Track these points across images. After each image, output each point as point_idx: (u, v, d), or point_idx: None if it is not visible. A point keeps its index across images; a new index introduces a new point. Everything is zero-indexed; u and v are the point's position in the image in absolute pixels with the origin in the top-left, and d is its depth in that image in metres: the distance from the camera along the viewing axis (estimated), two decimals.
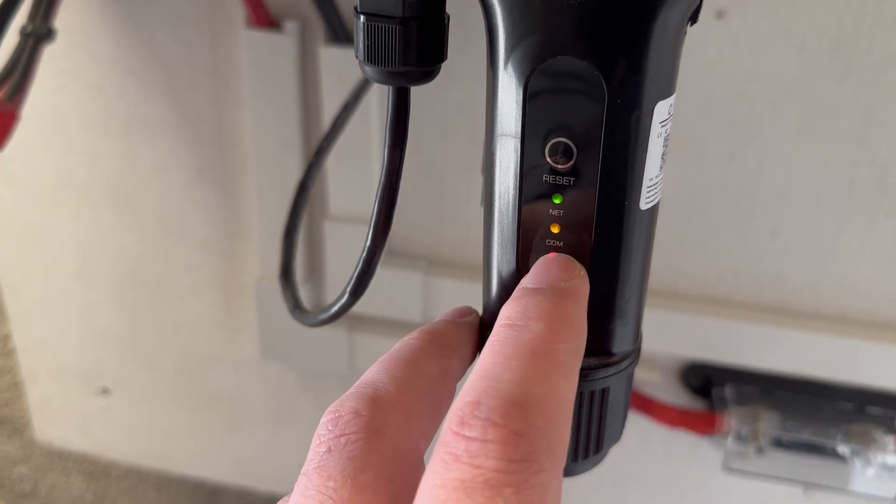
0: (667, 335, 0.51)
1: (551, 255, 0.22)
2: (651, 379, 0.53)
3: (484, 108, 0.23)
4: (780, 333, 0.49)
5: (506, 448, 0.16)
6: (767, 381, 0.51)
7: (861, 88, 0.45)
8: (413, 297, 0.54)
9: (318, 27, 0.48)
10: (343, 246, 0.53)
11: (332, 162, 0.51)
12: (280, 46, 0.47)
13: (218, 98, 0.53)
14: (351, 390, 0.21)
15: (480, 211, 0.25)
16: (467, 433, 0.16)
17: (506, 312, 0.20)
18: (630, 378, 0.25)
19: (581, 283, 0.21)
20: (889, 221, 0.48)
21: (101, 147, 0.57)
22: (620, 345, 0.24)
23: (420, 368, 0.22)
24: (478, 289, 0.27)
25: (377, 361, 0.22)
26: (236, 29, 0.50)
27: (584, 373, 0.23)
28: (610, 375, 0.24)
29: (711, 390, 0.52)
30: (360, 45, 0.22)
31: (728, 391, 0.51)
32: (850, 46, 0.44)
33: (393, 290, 0.54)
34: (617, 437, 0.26)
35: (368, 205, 0.52)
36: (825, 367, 0.50)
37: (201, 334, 0.63)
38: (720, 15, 0.44)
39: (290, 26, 0.47)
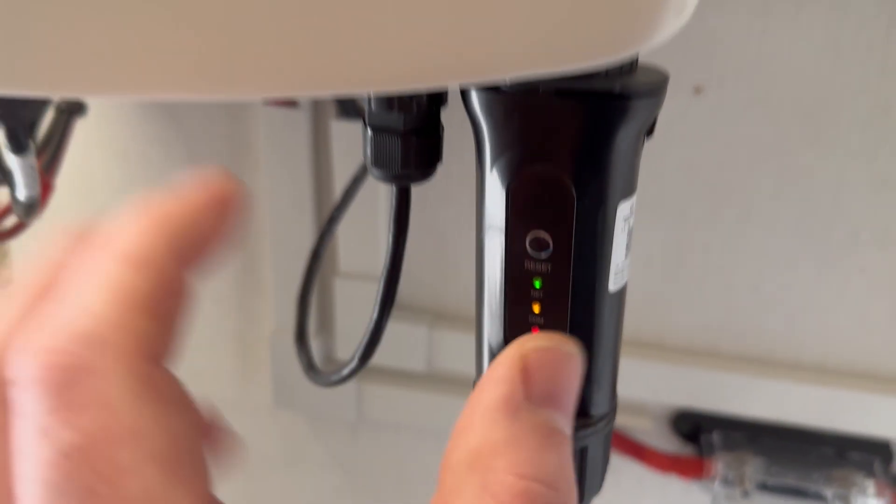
0: (657, 385, 0.54)
1: (571, 362, 0.19)
2: (643, 426, 0.56)
3: None
4: (763, 383, 0.52)
5: None
6: (753, 428, 0.54)
7: (831, 154, 0.48)
8: (418, 348, 0.57)
9: (329, 103, 0.52)
10: (352, 301, 0.57)
11: (342, 223, 0.54)
12: (294, 120, 0.51)
13: (236, 166, 0.57)
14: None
15: None
16: None
17: (544, 461, 0.16)
18: (608, 436, 0.29)
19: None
20: (863, 277, 0.51)
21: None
22: (597, 408, 0.27)
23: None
24: None
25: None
26: (254, 103, 0.54)
27: None
28: (588, 435, 0.27)
29: (700, 436, 0.55)
30: (368, 152, 0.26)
31: (716, 437, 0.54)
32: (820, 115, 0.48)
33: (399, 342, 0.57)
34: (597, 488, 0.29)
35: (375, 262, 0.56)
36: (807, 414, 0.53)
37: (216, 382, 0.67)
38: (698, 90, 0.48)
39: (304, 102, 0.51)
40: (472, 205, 0.57)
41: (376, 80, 0.17)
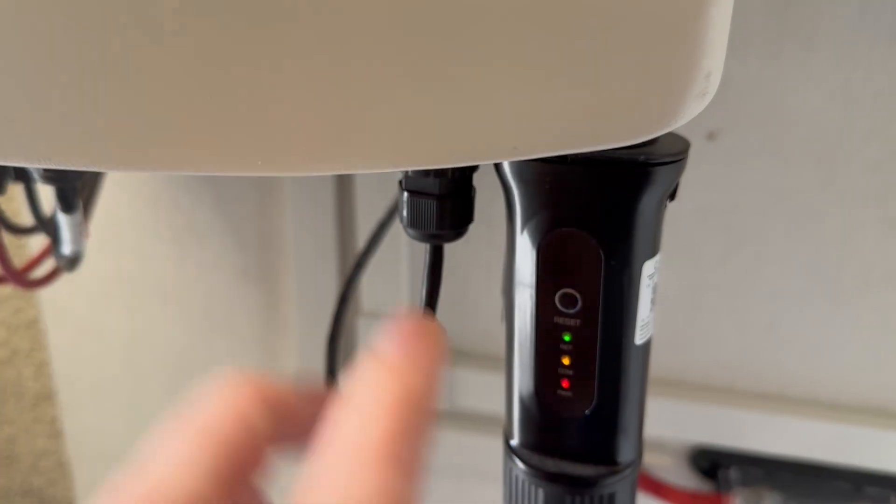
0: (676, 422, 0.55)
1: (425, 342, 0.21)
2: (663, 463, 0.57)
3: (503, 216, 0.28)
4: (779, 419, 0.53)
5: None
6: (770, 464, 0.55)
7: (843, 196, 0.50)
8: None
9: None
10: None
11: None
12: None
13: (263, 209, 0.58)
14: None
15: (499, 306, 0.29)
16: None
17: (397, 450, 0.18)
18: (634, 481, 0.30)
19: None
20: (875, 315, 0.52)
21: (153, 250, 0.63)
22: (624, 455, 0.28)
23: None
24: (499, 379, 0.31)
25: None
26: None
27: (595, 480, 0.28)
28: (617, 482, 0.28)
29: (718, 473, 0.55)
30: (405, 214, 0.27)
31: (733, 473, 0.55)
32: (831, 159, 0.49)
33: None
34: None
35: (398, 301, 0.57)
36: (823, 450, 0.53)
37: None
38: (712, 136, 0.49)
39: None
40: (490, 245, 0.59)
41: (444, 157, 0.18)
